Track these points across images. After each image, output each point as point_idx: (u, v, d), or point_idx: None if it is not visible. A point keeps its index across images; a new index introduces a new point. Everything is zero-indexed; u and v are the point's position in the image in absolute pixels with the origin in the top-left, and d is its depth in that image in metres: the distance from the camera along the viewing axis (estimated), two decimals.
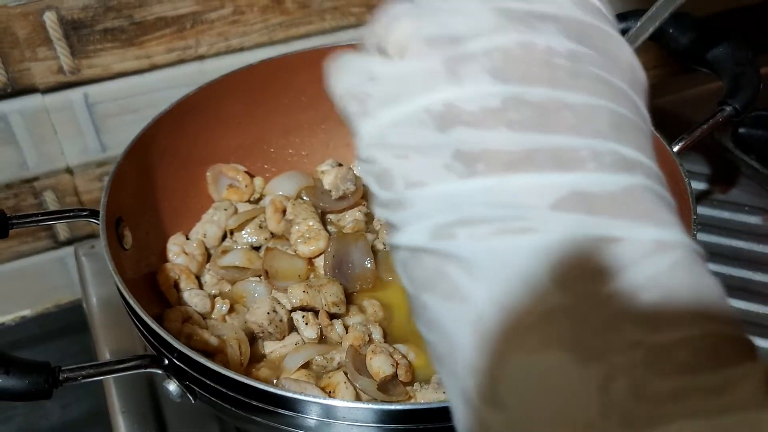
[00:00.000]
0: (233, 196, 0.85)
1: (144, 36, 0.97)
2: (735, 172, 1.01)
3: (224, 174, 0.86)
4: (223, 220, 0.81)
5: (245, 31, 1.02)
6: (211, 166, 0.86)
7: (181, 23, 0.98)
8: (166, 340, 0.55)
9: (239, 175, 0.86)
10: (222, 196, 0.85)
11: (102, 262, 0.91)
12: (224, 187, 0.86)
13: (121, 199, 0.70)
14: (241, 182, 0.86)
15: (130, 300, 0.58)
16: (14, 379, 0.50)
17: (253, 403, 0.55)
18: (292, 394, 0.53)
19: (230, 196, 0.85)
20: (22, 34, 0.90)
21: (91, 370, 0.54)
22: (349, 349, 0.67)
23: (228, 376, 0.54)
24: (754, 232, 0.92)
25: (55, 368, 0.52)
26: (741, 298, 0.84)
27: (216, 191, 0.86)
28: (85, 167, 1.03)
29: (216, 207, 0.83)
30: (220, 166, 0.86)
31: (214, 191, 0.86)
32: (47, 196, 1.04)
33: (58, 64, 0.94)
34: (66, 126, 0.98)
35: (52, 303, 1.14)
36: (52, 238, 1.08)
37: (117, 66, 0.97)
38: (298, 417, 0.55)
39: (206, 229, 0.81)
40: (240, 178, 0.86)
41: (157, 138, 0.78)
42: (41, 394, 0.51)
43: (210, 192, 0.86)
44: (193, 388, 0.58)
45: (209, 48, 1.01)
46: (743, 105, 0.73)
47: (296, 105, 0.92)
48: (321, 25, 1.06)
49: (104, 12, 0.93)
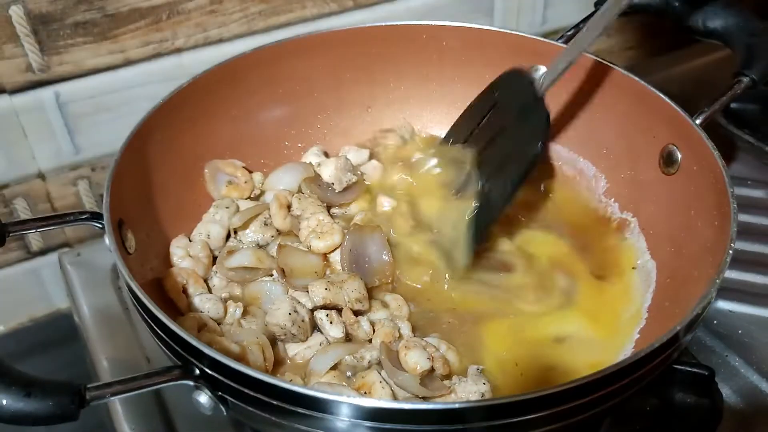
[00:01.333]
0: (233, 193, 0.81)
1: (117, 29, 0.92)
2: (731, 147, 1.01)
3: (222, 170, 0.81)
4: (225, 219, 0.77)
5: (224, 21, 0.98)
6: (207, 163, 0.81)
7: (156, 14, 0.93)
8: (197, 348, 0.51)
9: (238, 171, 0.82)
10: (222, 193, 0.81)
11: (91, 270, 0.87)
12: (223, 185, 0.81)
13: (120, 199, 0.65)
14: (240, 178, 0.82)
15: (152, 307, 0.53)
16: (37, 402, 0.46)
17: (296, 409, 0.51)
18: (342, 398, 0.49)
19: (230, 194, 0.81)
20: None
21: (120, 386, 0.49)
22: (382, 346, 0.64)
23: (270, 382, 0.50)
24: (760, 206, 0.91)
25: (80, 387, 0.47)
26: (757, 272, 0.83)
27: (215, 189, 0.81)
28: (58, 171, 0.98)
29: (217, 205, 0.78)
30: (217, 162, 0.82)
31: (213, 189, 0.81)
32: (18, 204, 0.98)
33: (27, 61, 0.89)
34: (36, 128, 0.93)
35: (27, 317, 1.08)
36: (24, 249, 1.02)
37: (90, 62, 0.92)
38: (337, 420, 0.51)
39: (209, 229, 0.76)
40: (239, 174, 0.82)
41: (153, 134, 0.74)
42: (67, 417, 0.47)
43: (209, 190, 0.82)
44: (225, 398, 0.53)
45: (187, 40, 0.97)
46: (761, 75, 0.72)
47: (291, 95, 0.88)
48: (302, 12, 1.02)
49: (75, 4, 0.88)
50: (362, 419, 0.51)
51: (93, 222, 0.64)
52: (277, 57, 0.85)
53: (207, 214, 0.78)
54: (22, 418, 0.45)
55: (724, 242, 0.60)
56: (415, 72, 0.91)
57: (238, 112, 0.84)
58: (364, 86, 0.91)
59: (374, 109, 0.93)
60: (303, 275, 0.70)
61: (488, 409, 0.50)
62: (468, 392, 0.62)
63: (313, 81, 0.89)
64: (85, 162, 0.98)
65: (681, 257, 0.71)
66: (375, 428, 0.51)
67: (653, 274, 0.74)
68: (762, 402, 0.71)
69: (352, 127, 0.93)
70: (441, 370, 0.64)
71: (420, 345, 0.64)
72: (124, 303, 0.84)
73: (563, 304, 0.74)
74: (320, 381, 0.62)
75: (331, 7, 1.04)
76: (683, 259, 0.70)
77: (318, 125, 0.91)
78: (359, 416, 0.50)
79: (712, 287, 0.56)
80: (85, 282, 0.86)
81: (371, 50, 0.89)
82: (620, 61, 1.36)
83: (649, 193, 0.78)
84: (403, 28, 0.88)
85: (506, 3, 1.18)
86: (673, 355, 0.56)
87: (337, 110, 0.91)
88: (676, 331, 0.52)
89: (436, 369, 0.64)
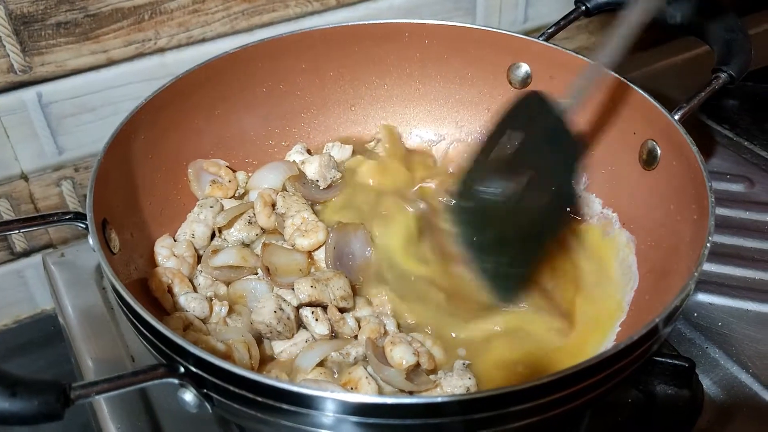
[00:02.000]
0: (217, 192, 0.81)
1: (100, 29, 0.92)
2: (710, 142, 1.02)
3: (206, 170, 0.82)
4: (210, 218, 0.77)
5: (206, 20, 0.98)
6: (191, 162, 0.81)
7: (138, 14, 0.93)
8: (181, 346, 0.51)
9: (221, 170, 0.82)
10: (206, 193, 0.81)
11: (75, 271, 0.87)
12: (207, 184, 0.82)
13: (104, 199, 0.66)
14: (224, 177, 0.82)
15: (136, 307, 0.54)
16: (22, 402, 0.45)
17: (281, 406, 0.51)
18: (328, 394, 0.49)
19: (214, 193, 0.81)
20: None
21: (105, 385, 0.49)
22: (368, 342, 0.64)
23: (255, 379, 0.50)
24: (739, 200, 0.93)
25: (66, 386, 0.47)
26: (734, 265, 0.84)
27: (199, 188, 0.82)
28: (41, 172, 0.98)
29: (201, 205, 0.79)
30: (200, 161, 0.82)
31: (197, 188, 0.82)
32: (1, 205, 0.97)
33: (8, 62, 0.88)
34: (19, 129, 0.93)
35: (11, 319, 1.07)
36: (8, 250, 1.02)
37: (72, 62, 0.92)
38: (321, 415, 0.51)
39: (194, 228, 0.76)
40: (223, 174, 0.82)
41: (137, 133, 0.74)
42: (52, 416, 0.47)
43: (192, 189, 0.82)
44: (210, 396, 0.54)
45: (169, 40, 0.97)
46: (738, 71, 0.73)
47: (274, 94, 0.89)
48: (285, 12, 1.02)
49: (56, 5, 0.88)
50: (346, 414, 0.51)
51: (77, 222, 0.64)
52: (259, 56, 0.85)
53: (191, 214, 0.79)
54: (7, 418, 0.45)
55: (702, 235, 0.60)
56: (397, 70, 0.91)
57: (221, 111, 0.85)
58: (347, 84, 0.92)
59: (358, 108, 0.94)
60: (288, 273, 0.71)
61: (470, 402, 0.50)
62: (453, 386, 0.62)
63: (296, 80, 0.89)
64: (69, 162, 0.98)
65: (660, 251, 0.72)
66: (359, 423, 0.51)
67: (634, 268, 0.75)
68: (741, 393, 0.72)
69: (335, 125, 0.93)
70: (426, 365, 0.64)
71: (405, 340, 0.65)
72: (109, 303, 0.84)
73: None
74: (306, 378, 0.62)
75: (314, 6, 1.04)
76: (663, 253, 0.71)
77: (302, 123, 0.91)
78: (343, 411, 0.51)
79: (691, 280, 0.56)
80: (69, 282, 0.86)
81: (354, 49, 0.89)
82: None
83: (629, 189, 0.79)
84: (385, 26, 0.89)
85: (488, 1, 1.18)
86: (652, 347, 0.56)
87: (321, 108, 0.92)
88: (655, 323, 0.53)
89: (422, 364, 0.64)
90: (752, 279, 0.83)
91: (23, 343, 1.06)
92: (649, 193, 0.76)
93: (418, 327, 0.70)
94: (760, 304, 0.80)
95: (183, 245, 0.74)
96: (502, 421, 0.51)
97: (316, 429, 0.53)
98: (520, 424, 0.51)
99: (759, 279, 0.83)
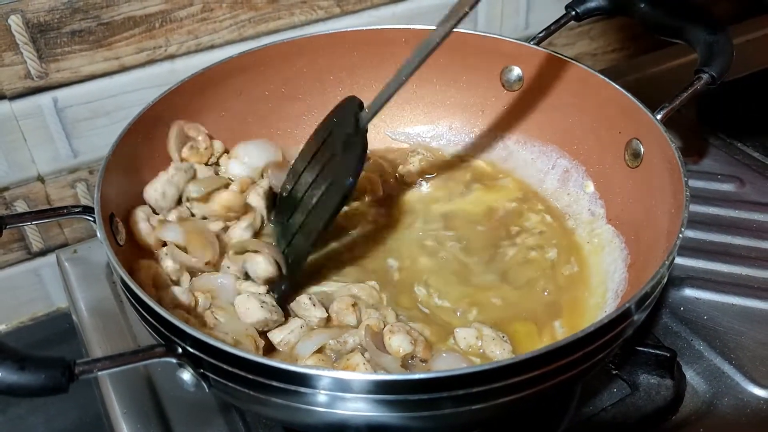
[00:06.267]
0: (193, 157, 0.83)
1: (112, 37, 0.95)
2: (703, 144, 1.04)
3: (186, 132, 0.83)
4: (182, 183, 0.78)
5: (215, 28, 1.01)
6: (174, 122, 0.83)
7: (150, 22, 0.97)
8: (179, 328, 0.55)
9: (200, 135, 0.84)
10: (182, 155, 0.83)
11: (87, 266, 0.90)
12: (185, 147, 0.83)
13: (111, 194, 0.69)
14: (201, 143, 0.84)
15: (137, 290, 0.57)
16: (30, 375, 0.49)
17: (273, 383, 0.54)
18: (316, 371, 0.52)
19: (191, 158, 0.83)
20: None
21: (107, 362, 0.53)
22: (367, 329, 0.67)
23: (247, 358, 0.53)
24: (730, 199, 0.95)
25: (70, 362, 0.51)
26: (723, 262, 0.87)
27: (175, 149, 0.83)
28: (56, 174, 1.01)
29: (177, 168, 0.79)
30: (181, 122, 0.83)
31: (173, 149, 0.83)
32: (18, 206, 1.01)
33: (26, 68, 0.92)
34: (36, 133, 0.97)
35: (28, 316, 1.11)
36: (25, 250, 1.06)
37: (86, 69, 0.96)
38: (317, 394, 0.54)
39: (165, 189, 0.77)
40: (200, 139, 0.84)
41: (142, 133, 0.77)
42: (58, 389, 0.50)
43: (168, 148, 0.83)
44: (207, 376, 0.57)
45: (179, 47, 1.00)
46: (719, 72, 0.76)
47: (277, 97, 0.92)
48: (290, 19, 1.06)
49: (71, 14, 0.92)
50: (338, 392, 0.53)
51: (86, 215, 0.67)
52: (261, 60, 0.88)
53: (165, 173, 0.79)
54: (16, 390, 0.49)
55: (677, 228, 0.63)
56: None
57: (225, 112, 0.88)
58: (347, 88, 0.94)
59: None
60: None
61: (455, 379, 0.52)
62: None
63: (297, 83, 0.92)
64: (83, 165, 1.02)
65: (641, 243, 0.74)
66: (351, 399, 0.53)
67: (619, 262, 0.77)
68: (724, 383, 0.75)
69: None
70: (422, 354, 0.67)
71: (404, 330, 0.68)
72: (118, 297, 0.87)
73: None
74: (305, 364, 0.65)
75: (318, 13, 1.08)
76: (642, 246, 0.74)
77: (303, 126, 0.94)
78: (335, 389, 0.53)
79: (662, 267, 0.59)
80: (81, 277, 0.90)
81: (353, 54, 0.92)
82: (603, 63, 1.40)
83: (616, 185, 0.82)
84: (383, 32, 0.92)
85: (490, 8, 1.21)
86: (626, 331, 0.59)
87: (322, 111, 0.94)
88: (626, 307, 0.56)
89: (417, 354, 0.67)
90: (739, 275, 0.85)
91: (39, 339, 1.09)
92: (633, 189, 0.78)
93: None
94: (744, 298, 0.82)
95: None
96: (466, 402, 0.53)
97: (308, 406, 0.55)
98: (494, 402, 0.54)
99: (745, 275, 0.85)
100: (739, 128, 1.06)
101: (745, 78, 1.15)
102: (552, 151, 0.90)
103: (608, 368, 0.74)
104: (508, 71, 0.90)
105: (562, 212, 0.87)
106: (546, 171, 0.90)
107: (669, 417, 0.71)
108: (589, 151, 0.85)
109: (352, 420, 0.55)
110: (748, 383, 0.74)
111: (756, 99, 1.11)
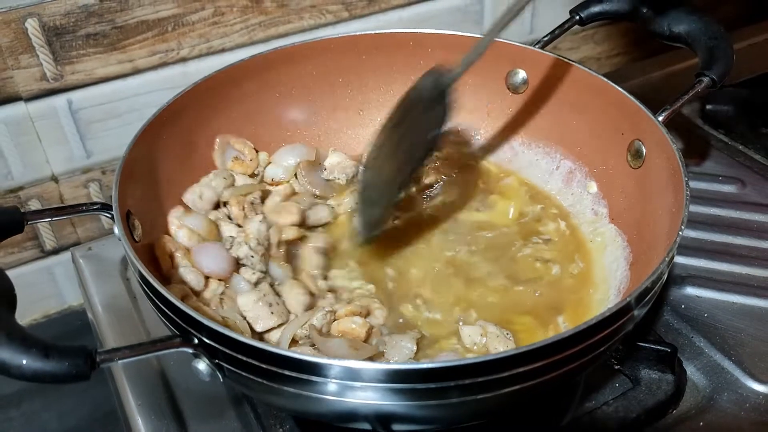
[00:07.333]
0: (238, 167, 0.89)
1: (126, 40, 0.98)
2: (706, 146, 1.06)
3: (231, 145, 0.89)
4: (220, 188, 0.84)
5: (226, 32, 1.03)
6: (220, 135, 0.89)
7: (162, 26, 0.99)
8: (195, 319, 0.56)
9: (246, 148, 0.89)
10: (227, 166, 0.89)
11: (101, 263, 0.92)
12: (229, 158, 0.89)
13: (129, 192, 0.71)
14: (247, 156, 0.89)
15: (154, 283, 0.59)
16: (54, 362, 0.51)
17: (285, 372, 0.55)
18: (334, 361, 0.54)
19: (235, 168, 0.89)
20: (4, 42, 0.90)
21: (127, 351, 0.55)
22: (310, 327, 0.71)
23: (261, 348, 0.55)
24: (731, 200, 0.96)
25: (92, 350, 0.53)
26: (723, 261, 0.88)
27: (220, 161, 0.89)
28: (70, 174, 1.03)
29: (216, 173, 0.86)
30: (229, 136, 0.89)
31: (219, 161, 0.89)
32: (33, 205, 1.03)
33: (41, 71, 0.94)
34: (50, 133, 0.99)
35: (41, 314, 1.13)
36: (38, 248, 1.08)
37: (100, 71, 0.98)
38: (328, 382, 0.55)
39: (203, 191, 0.83)
40: (246, 152, 0.89)
41: (158, 133, 0.79)
42: (80, 376, 0.52)
43: (214, 159, 0.89)
44: (222, 366, 0.59)
45: (191, 50, 1.02)
46: (719, 75, 0.78)
47: (287, 99, 0.94)
48: (300, 23, 1.08)
49: (86, 17, 0.94)
50: (348, 380, 0.55)
51: (103, 212, 0.69)
52: (272, 63, 0.90)
53: (205, 178, 0.85)
54: (41, 376, 0.51)
55: (677, 226, 0.65)
56: (403, 76, 0.95)
57: (237, 114, 0.90)
58: (356, 90, 0.97)
59: (366, 112, 0.98)
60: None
61: (470, 367, 0.54)
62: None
63: (308, 86, 0.94)
64: (96, 165, 1.04)
65: (642, 242, 0.76)
66: (360, 388, 0.55)
67: (621, 261, 0.79)
68: (723, 378, 0.76)
69: (345, 129, 0.98)
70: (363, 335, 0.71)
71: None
72: (132, 293, 0.89)
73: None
74: None
75: (327, 18, 1.10)
76: (644, 244, 0.76)
77: (312, 127, 0.96)
78: (345, 377, 0.54)
79: (662, 264, 0.61)
80: (96, 274, 0.91)
81: (362, 57, 0.94)
82: (607, 67, 1.42)
83: (618, 185, 0.84)
84: (391, 35, 0.94)
85: (495, 12, 1.23)
86: (627, 325, 0.61)
87: (331, 113, 0.97)
88: (627, 301, 0.58)
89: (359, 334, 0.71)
90: (739, 274, 0.87)
91: (52, 336, 1.10)
92: (635, 189, 0.80)
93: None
94: (744, 297, 0.84)
95: (196, 220, 0.80)
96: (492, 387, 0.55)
97: (319, 395, 0.57)
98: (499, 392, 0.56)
99: (746, 274, 0.87)
100: (742, 131, 1.08)
101: (747, 81, 1.17)
102: (556, 153, 0.92)
103: (610, 363, 0.76)
104: (513, 74, 0.93)
105: (567, 211, 0.89)
106: (550, 171, 0.92)
107: (670, 411, 0.73)
108: (593, 152, 0.87)
109: (362, 408, 0.57)
110: (747, 379, 0.76)
111: (759, 102, 1.12)
